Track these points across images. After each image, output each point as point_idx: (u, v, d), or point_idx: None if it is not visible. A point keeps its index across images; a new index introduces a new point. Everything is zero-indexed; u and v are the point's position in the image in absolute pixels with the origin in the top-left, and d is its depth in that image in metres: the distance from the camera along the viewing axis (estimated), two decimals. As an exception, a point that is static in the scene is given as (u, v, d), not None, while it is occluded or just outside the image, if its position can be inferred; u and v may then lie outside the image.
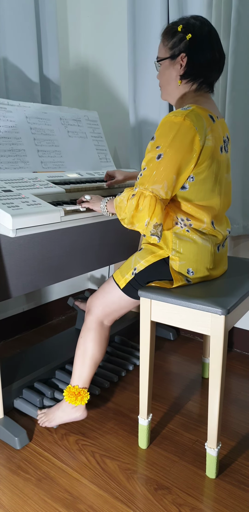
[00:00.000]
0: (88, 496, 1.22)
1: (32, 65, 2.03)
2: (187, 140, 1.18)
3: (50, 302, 2.48)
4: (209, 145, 1.22)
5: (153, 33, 2.07)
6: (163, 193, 1.19)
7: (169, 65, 1.32)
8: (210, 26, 1.27)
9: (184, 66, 1.28)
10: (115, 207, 1.29)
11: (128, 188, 1.28)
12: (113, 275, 1.41)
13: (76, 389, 1.43)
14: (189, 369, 1.94)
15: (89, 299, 1.45)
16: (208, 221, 1.29)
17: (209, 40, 1.25)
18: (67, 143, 1.93)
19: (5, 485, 1.27)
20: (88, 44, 2.49)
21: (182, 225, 1.29)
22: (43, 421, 1.50)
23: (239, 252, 2.03)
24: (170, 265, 1.31)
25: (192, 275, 1.31)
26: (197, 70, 1.27)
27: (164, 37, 1.32)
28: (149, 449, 1.42)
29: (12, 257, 1.41)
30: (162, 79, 1.36)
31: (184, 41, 1.26)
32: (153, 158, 1.20)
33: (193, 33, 1.25)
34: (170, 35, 1.30)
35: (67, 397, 1.43)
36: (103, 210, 1.40)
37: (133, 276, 1.35)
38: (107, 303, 1.40)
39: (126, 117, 2.38)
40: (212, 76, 1.30)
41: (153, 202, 1.18)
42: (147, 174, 1.20)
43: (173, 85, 1.33)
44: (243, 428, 1.52)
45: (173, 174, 1.19)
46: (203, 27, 1.25)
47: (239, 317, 1.31)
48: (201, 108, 1.23)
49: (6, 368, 1.73)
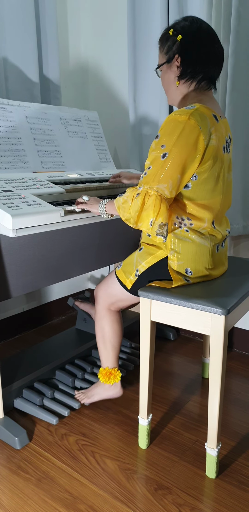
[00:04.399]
0: (88, 496, 1.22)
1: (32, 65, 2.03)
2: (192, 140, 1.18)
3: (50, 302, 2.48)
4: (212, 145, 1.22)
5: (153, 33, 2.07)
6: (167, 193, 1.19)
7: (167, 69, 1.35)
8: (200, 23, 1.29)
9: (179, 66, 1.30)
10: (118, 208, 1.28)
11: (130, 188, 1.27)
12: (116, 272, 1.46)
13: (107, 370, 1.56)
14: (189, 369, 1.94)
15: (95, 288, 1.55)
16: (209, 221, 1.29)
17: (199, 37, 1.27)
18: (67, 143, 1.93)
19: (5, 485, 1.27)
20: (88, 44, 2.49)
21: (182, 225, 1.29)
22: (82, 398, 1.62)
23: (239, 252, 2.03)
24: (168, 264, 1.32)
25: (191, 274, 1.32)
26: (192, 67, 1.29)
27: (160, 44, 1.36)
28: (149, 449, 1.42)
29: (12, 257, 1.41)
30: (164, 84, 1.39)
31: (176, 43, 1.29)
32: (158, 157, 1.20)
33: (182, 33, 1.28)
34: (164, 40, 1.34)
35: (101, 379, 1.57)
36: (102, 212, 1.39)
37: (136, 278, 1.39)
38: (111, 295, 1.48)
39: (126, 117, 2.38)
40: (210, 71, 1.30)
41: (158, 201, 1.18)
42: (151, 173, 1.20)
43: (173, 87, 1.35)
44: (243, 428, 1.52)
45: (178, 173, 1.19)
46: (192, 25, 1.28)
47: (239, 317, 1.31)
48: (205, 107, 1.24)
49: (6, 368, 1.73)
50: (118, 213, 1.29)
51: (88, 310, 2.04)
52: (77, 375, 1.77)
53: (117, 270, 1.46)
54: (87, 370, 1.81)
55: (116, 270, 1.47)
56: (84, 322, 2.10)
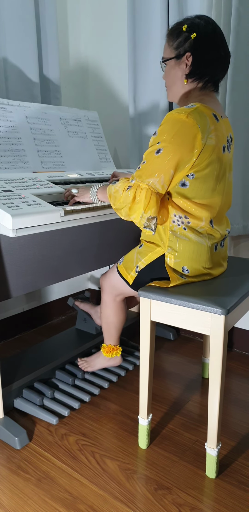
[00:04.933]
0: (88, 496, 1.22)
1: (32, 65, 2.03)
2: (189, 138, 1.18)
3: (50, 302, 2.48)
4: (210, 144, 1.22)
5: (153, 32, 2.07)
6: (159, 187, 1.20)
7: (174, 65, 1.32)
8: (215, 24, 1.28)
9: (189, 65, 1.28)
10: (109, 195, 1.31)
11: (123, 178, 1.29)
12: (118, 267, 1.50)
13: (110, 347, 1.68)
14: (189, 369, 1.94)
15: (100, 278, 1.62)
16: (206, 220, 1.30)
17: (213, 39, 1.26)
18: (67, 143, 1.93)
19: (5, 485, 1.27)
20: (88, 44, 2.49)
21: (179, 223, 1.30)
22: (85, 367, 1.75)
23: (239, 252, 2.03)
24: (165, 261, 1.33)
25: (187, 273, 1.32)
26: (202, 69, 1.28)
27: (169, 37, 1.32)
28: (149, 449, 1.42)
29: (12, 257, 1.41)
30: (168, 79, 1.36)
31: (189, 41, 1.26)
32: (152, 152, 1.21)
33: (197, 32, 1.25)
34: (175, 35, 1.30)
35: (104, 353, 1.69)
36: (93, 198, 1.45)
37: (137, 274, 1.42)
38: (115, 287, 1.54)
39: (126, 117, 2.38)
40: (218, 75, 1.31)
41: (148, 195, 1.19)
42: (145, 167, 1.22)
43: (178, 84, 1.33)
44: (243, 428, 1.52)
45: (171, 169, 1.20)
46: (208, 26, 1.26)
47: (239, 317, 1.31)
48: (205, 107, 1.24)
49: (6, 368, 1.73)
50: (109, 200, 1.32)
51: (88, 310, 2.04)
52: (77, 375, 1.77)
53: (119, 266, 1.50)
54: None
55: (118, 265, 1.50)
56: (84, 322, 2.10)
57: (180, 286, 1.33)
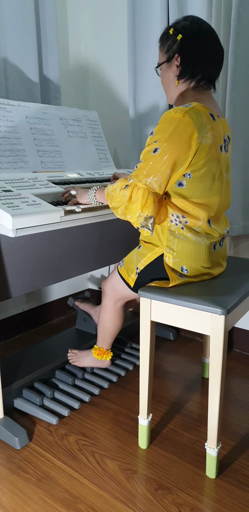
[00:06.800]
0: (88, 496, 1.22)
1: (32, 65, 2.03)
2: (185, 137, 1.18)
3: (50, 302, 2.48)
4: (207, 143, 1.22)
5: (153, 33, 2.07)
6: (156, 186, 1.20)
7: (166, 68, 1.35)
8: (201, 23, 1.29)
9: (178, 65, 1.30)
10: (107, 194, 1.31)
11: (122, 178, 1.29)
12: (119, 270, 1.50)
13: (101, 350, 1.68)
14: (189, 369, 1.94)
15: (102, 283, 1.62)
16: (204, 219, 1.30)
17: (198, 36, 1.27)
18: (67, 143, 1.93)
19: (5, 485, 1.27)
20: (88, 44, 2.49)
21: (177, 223, 1.30)
22: (73, 360, 1.77)
23: (239, 252, 2.03)
24: (164, 261, 1.33)
25: (186, 272, 1.32)
26: (191, 67, 1.29)
27: (160, 43, 1.37)
28: (149, 449, 1.42)
29: (12, 257, 1.41)
30: (163, 83, 1.40)
31: (176, 42, 1.30)
32: (150, 151, 1.22)
33: (183, 33, 1.28)
34: (164, 39, 1.34)
35: (95, 354, 1.69)
36: (91, 200, 1.45)
37: (137, 276, 1.41)
38: (117, 291, 1.54)
39: (126, 117, 2.38)
40: (209, 71, 1.30)
41: (145, 194, 1.19)
42: (142, 166, 1.22)
43: (172, 86, 1.36)
44: (243, 428, 1.52)
45: (168, 168, 1.20)
46: (193, 25, 1.28)
47: (239, 317, 1.31)
48: (202, 106, 1.24)
49: (6, 368, 1.73)
50: (106, 199, 1.33)
51: (88, 310, 2.04)
52: (77, 375, 1.77)
53: (120, 268, 1.49)
54: (87, 370, 1.81)
55: (119, 268, 1.50)
56: (84, 322, 2.10)
57: (180, 286, 1.33)
